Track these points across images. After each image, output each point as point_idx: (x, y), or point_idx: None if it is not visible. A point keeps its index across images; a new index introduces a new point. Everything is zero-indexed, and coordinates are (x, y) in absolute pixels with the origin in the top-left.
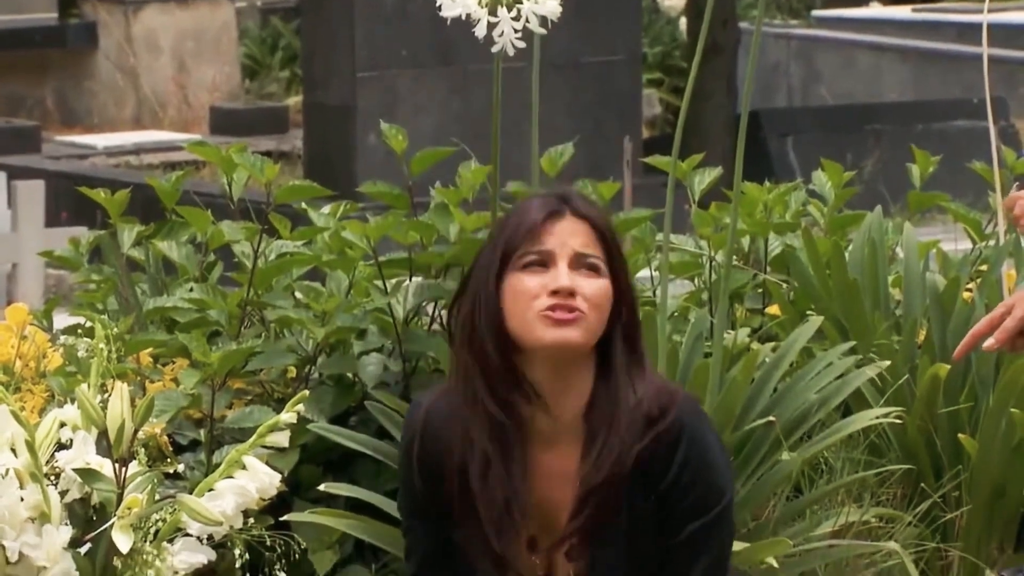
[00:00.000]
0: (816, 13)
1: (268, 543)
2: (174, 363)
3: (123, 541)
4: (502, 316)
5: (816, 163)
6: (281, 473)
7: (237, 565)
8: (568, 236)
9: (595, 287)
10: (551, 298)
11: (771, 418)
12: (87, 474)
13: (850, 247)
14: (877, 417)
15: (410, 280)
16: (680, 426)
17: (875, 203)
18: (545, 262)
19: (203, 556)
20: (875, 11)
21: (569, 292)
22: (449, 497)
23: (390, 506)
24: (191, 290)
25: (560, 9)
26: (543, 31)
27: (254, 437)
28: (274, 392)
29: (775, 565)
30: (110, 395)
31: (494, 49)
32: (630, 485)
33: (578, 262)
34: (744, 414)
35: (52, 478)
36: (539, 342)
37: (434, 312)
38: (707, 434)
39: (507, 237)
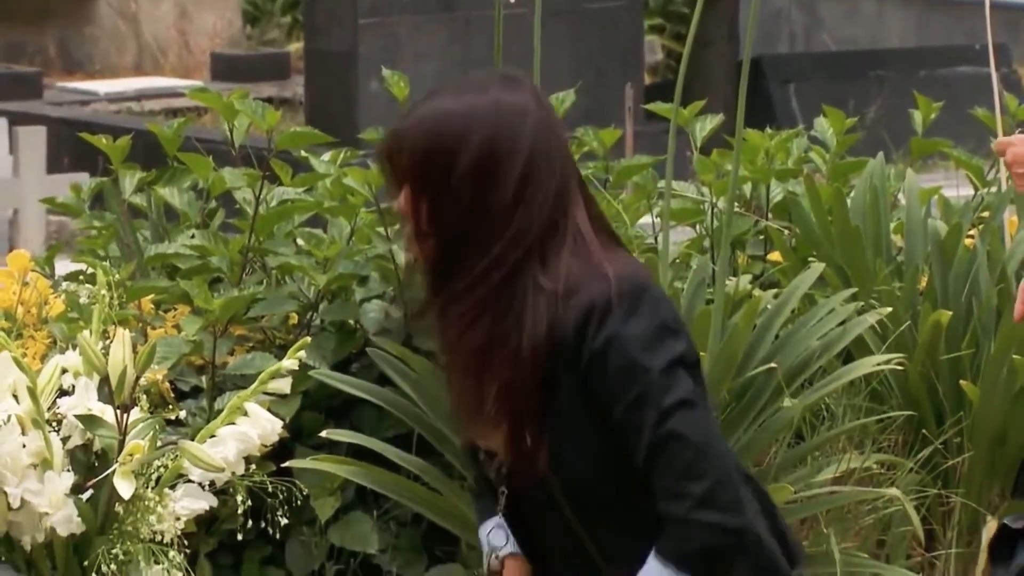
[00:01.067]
0: None
1: (270, 489)
2: (176, 310)
3: (125, 487)
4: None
5: (818, 110)
6: (283, 420)
7: (239, 511)
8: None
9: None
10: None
11: (773, 365)
12: (89, 420)
13: (852, 194)
14: (878, 364)
15: None
16: (595, 317)
17: (877, 150)
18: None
19: (205, 502)
20: None
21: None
22: None
23: (392, 452)
24: (192, 237)
25: None
26: None
27: (256, 384)
28: (276, 339)
29: None
30: (112, 342)
31: None
32: (560, 375)
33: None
34: (746, 361)
35: (54, 424)
36: None
37: None
38: (623, 323)
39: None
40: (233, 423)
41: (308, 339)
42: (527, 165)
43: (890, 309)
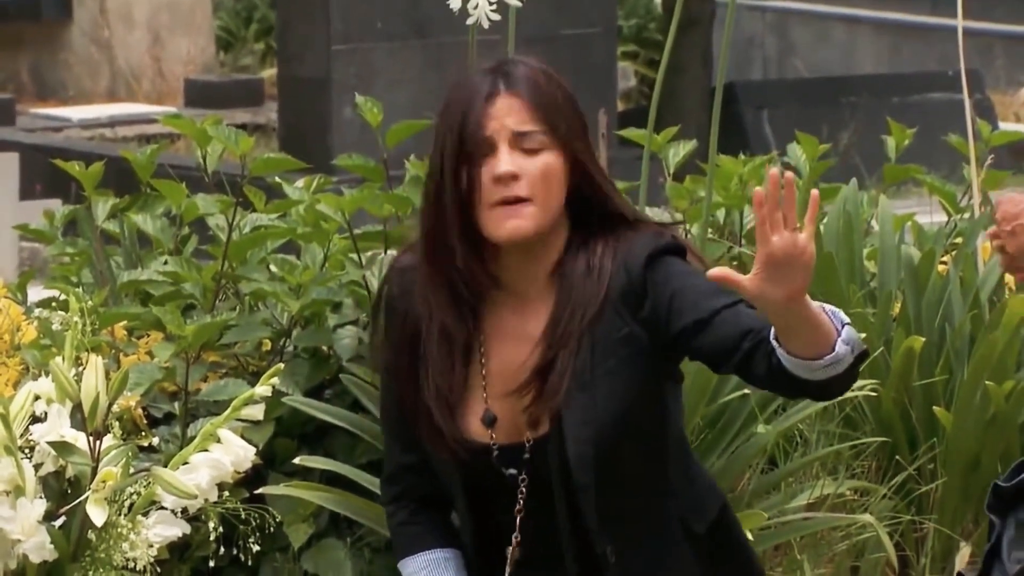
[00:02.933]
0: None
1: (243, 516)
2: (149, 336)
3: (98, 514)
4: (463, 207)
5: (791, 136)
6: (256, 446)
7: (212, 538)
8: (504, 116)
9: (537, 165)
10: (495, 187)
11: (746, 391)
12: (61, 447)
13: (825, 220)
14: (852, 390)
15: (385, 253)
16: (657, 257)
17: (850, 176)
18: (491, 148)
19: (178, 529)
20: None
21: (511, 177)
22: (402, 360)
23: (365, 479)
24: (166, 263)
25: None
26: (518, 4)
27: (229, 410)
28: (249, 365)
29: (750, 537)
30: (84, 368)
31: (469, 22)
32: (608, 327)
33: (517, 142)
34: (719, 387)
35: (26, 451)
36: (495, 237)
37: None
38: (681, 262)
39: (449, 127)
40: (206, 450)
41: (281, 365)
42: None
43: (863, 335)
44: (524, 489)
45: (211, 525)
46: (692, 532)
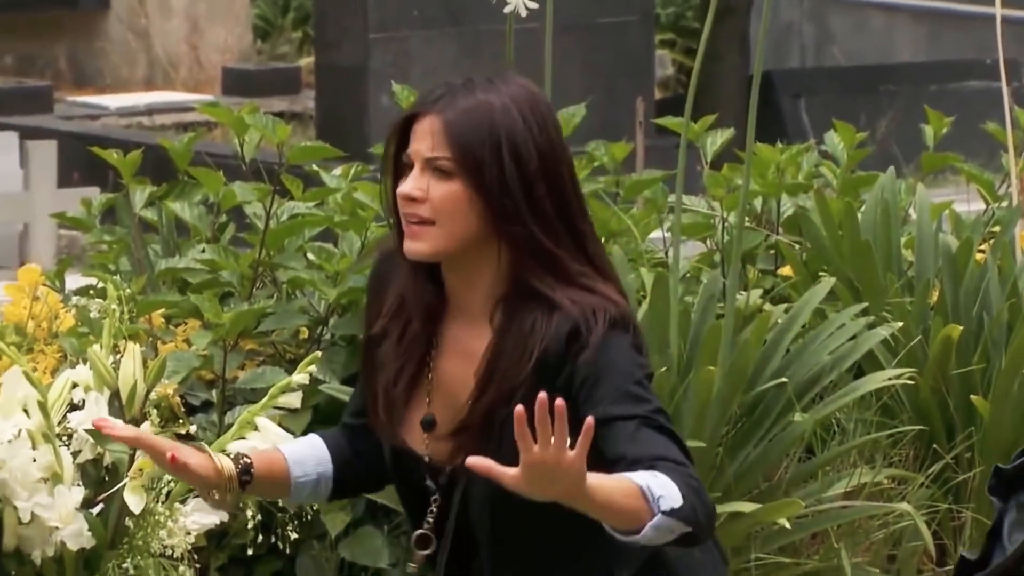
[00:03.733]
0: None
1: (280, 504)
2: (186, 324)
3: (135, 502)
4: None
5: (829, 124)
6: (293, 434)
7: (249, 526)
8: (423, 138)
9: (441, 192)
10: (404, 204)
11: (783, 379)
12: (99, 435)
13: (863, 208)
14: (890, 378)
15: None
16: (584, 329)
17: (888, 164)
18: (408, 165)
19: (215, 517)
20: None
21: (408, 199)
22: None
23: None
24: (203, 251)
25: None
26: None
27: (266, 398)
28: (286, 353)
29: (787, 526)
30: (122, 356)
31: (506, 10)
32: (528, 386)
33: (429, 165)
34: (756, 376)
35: (64, 439)
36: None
37: None
38: (611, 335)
39: (387, 138)
40: (243, 438)
41: (319, 353)
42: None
43: (901, 324)
44: (434, 507)
45: (249, 513)
46: None
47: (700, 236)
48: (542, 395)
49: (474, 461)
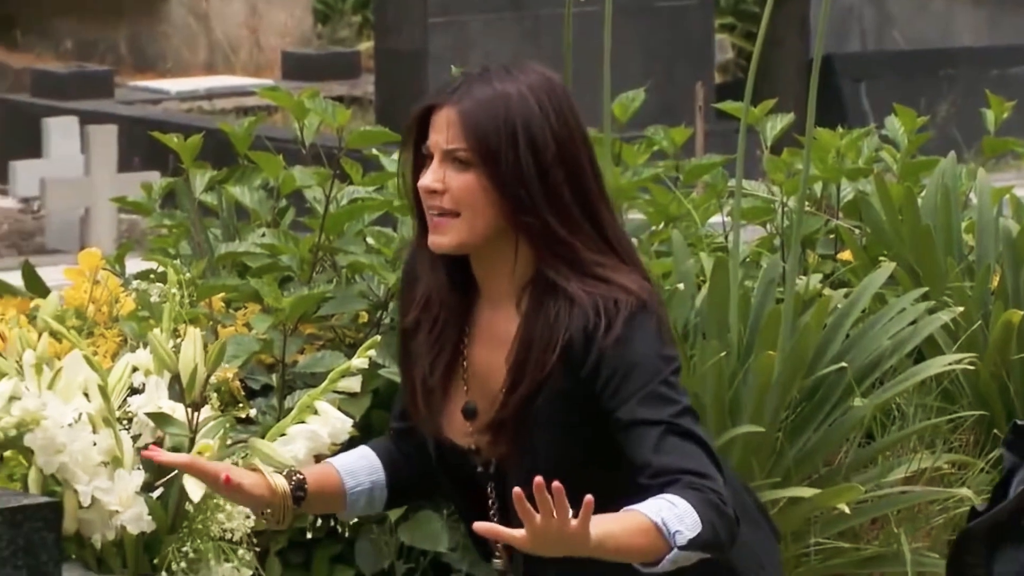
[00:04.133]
0: None
1: None
2: (246, 308)
3: (195, 486)
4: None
5: (889, 108)
6: (353, 418)
7: None
8: (440, 130)
9: (460, 182)
10: (426, 197)
11: (843, 364)
12: (159, 419)
13: (923, 193)
14: (950, 363)
15: None
16: (606, 318)
17: (948, 149)
18: (428, 157)
19: None
20: None
21: (430, 191)
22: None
23: None
24: (263, 235)
25: None
26: None
27: (326, 382)
28: (345, 337)
29: (847, 511)
30: (182, 340)
31: None
32: (556, 376)
33: (447, 157)
34: (816, 360)
35: (125, 423)
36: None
37: None
38: (633, 324)
39: (405, 130)
40: (303, 421)
41: (378, 338)
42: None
43: (961, 308)
44: (494, 495)
45: None
46: None
47: (760, 221)
48: (538, 479)
49: (483, 527)
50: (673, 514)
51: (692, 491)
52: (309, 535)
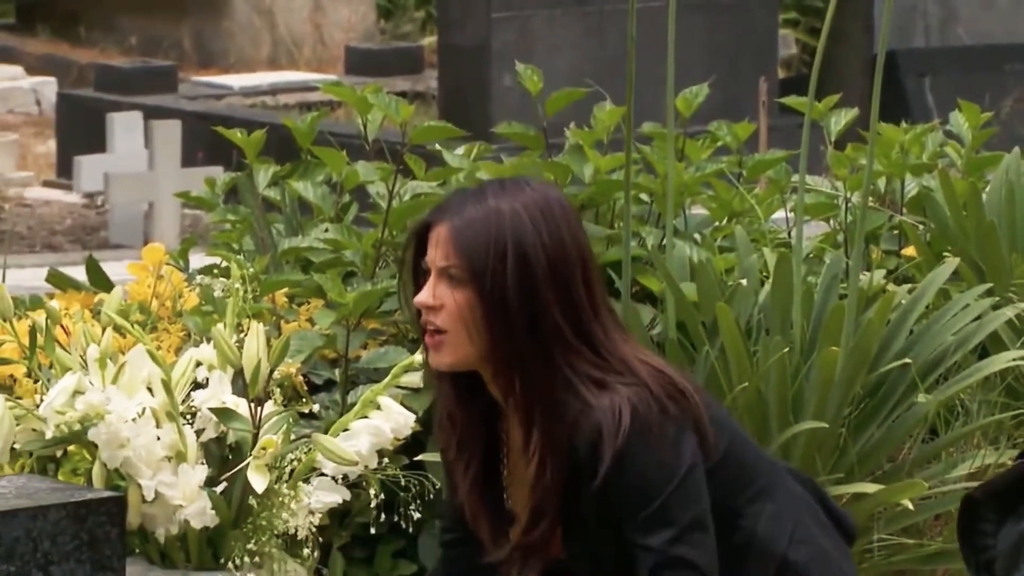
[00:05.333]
0: None
1: (403, 483)
2: (309, 303)
3: (258, 481)
4: None
5: (953, 103)
6: (416, 413)
7: (372, 505)
8: (434, 246)
9: (453, 300)
10: (424, 313)
11: (907, 360)
12: (223, 413)
13: (987, 188)
14: (1014, 359)
15: None
16: (607, 435)
17: (1013, 144)
18: (425, 274)
19: (338, 496)
20: None
21: (426, 307)
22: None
23: None
24: (326, 230)
25: None
26: None
27: (389, 377)
28: (408, 332)
29: (910, 507)
30: (246, 335)
31: None
32: (578, 482)
33: (442, 274)
34: (880, 356)
35: (188, 417)
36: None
37: None
38: (634, 440)
39: (404, 245)
40: (366, 417)
41: None
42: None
43: None
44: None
45: (371, 492)
46: None
47: (823, 216)
48: None
49: None
50: None
51: None
52: (372, 530)
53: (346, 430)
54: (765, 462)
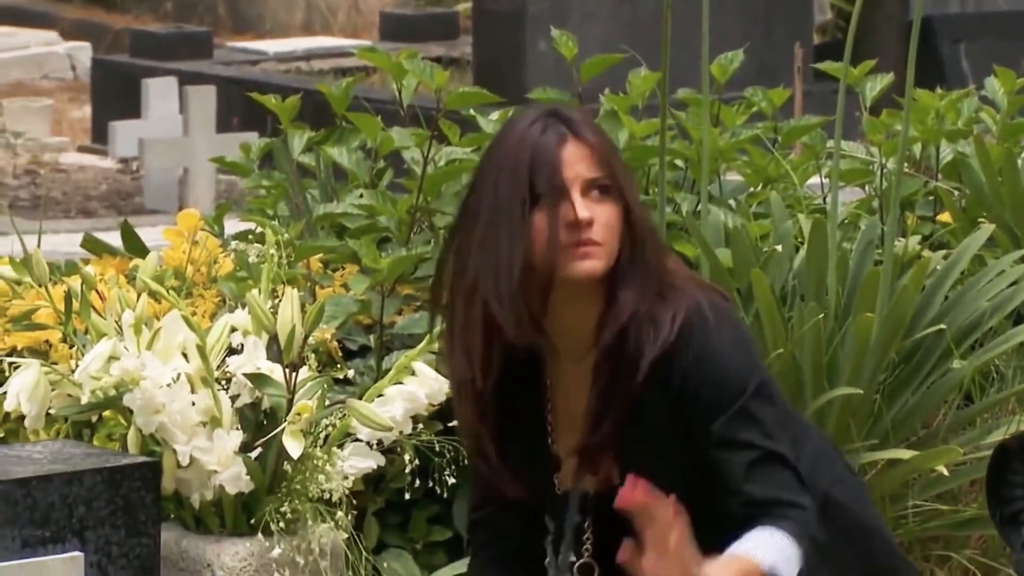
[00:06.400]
0: None
1: (437, 448)
2: (344, 269)
3: (293, 446)
4: (531, 250)
5: (989, 70)
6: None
7: (406, 470)
8: (576, 162)
9: (607, 212)
10: (569, 232)
11: (942, 326)
12: (258, 379)
13: (1023, 155)
14: None
15: None
16: (686, 333)
17: None
18: (562, 193)
19: (372, 461)
20: None
21: (587, 223)
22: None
23: None
24: (361, 196)
25: None
26: None
27: (423, 343)
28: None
29: (945, 473)
30: (280, 300)
31: None
32: (647, 393)
33: (588, 188)
34: (915, 322)
35: (223, 383)
36: (567, 276)
37: None
38: (713, 337)
39: (513, 169)
40: (401, 382)
41: None
42: None
43: None
44: (591, 535)
45: (406, 457)
46: None
47: (858, 182)
48: (667, 498)
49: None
50: (779, 556)
51: (787, 522)
52: (407, 495)
53: (380, 396)
54: (792, 410)
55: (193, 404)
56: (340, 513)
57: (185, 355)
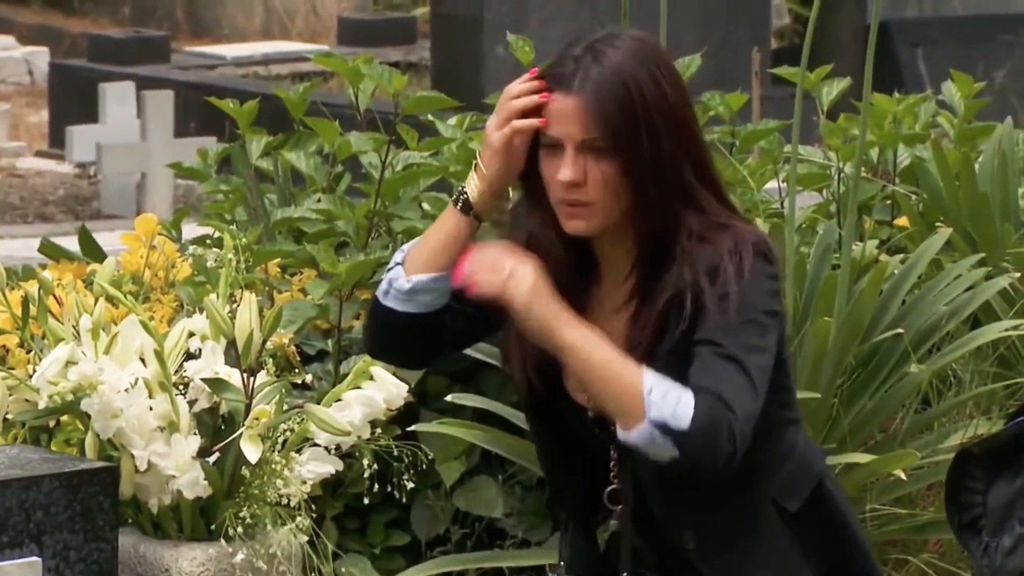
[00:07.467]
0: None
1: (396, 453)
2: (302, 273)
3: (251, 451)
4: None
5: (946, 74)
6: (408, 384)
7: (365, 475)
8: (572, 120)
9: (600, 172)
10: (562, 189)
11: (899, 330)
12: (216, 384)
13: (980, 159)
14: (1006, 329)
15: None
16: (723, 266)
17: (1005, 114)
18: (559, 147)
19: (331, 466)
20: None
21: (573, 184)
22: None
23: (517, 417)
24: (319, 201)
25: None
26: None
27: None
28: None
29: (903, 477)
30: (238, 305)
31: None
32: (674, 314)
33: (584, 146)
34: (872, 326)
35: (181, 388)
36: (563, 228)
37: None
38: (748, 275)
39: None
40: (359, 387)
41: None
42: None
43: (1018, 274)
44: (615, 458)
45: (364, 462)
46: (785, 512)
47: (816, 186)
48: None
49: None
50: (666, 395)
51: (704, 399)
52: (366, 500)
53: (339, 400)
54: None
55: (151, 409)
56: (300, 516)
57: (143, 360)
